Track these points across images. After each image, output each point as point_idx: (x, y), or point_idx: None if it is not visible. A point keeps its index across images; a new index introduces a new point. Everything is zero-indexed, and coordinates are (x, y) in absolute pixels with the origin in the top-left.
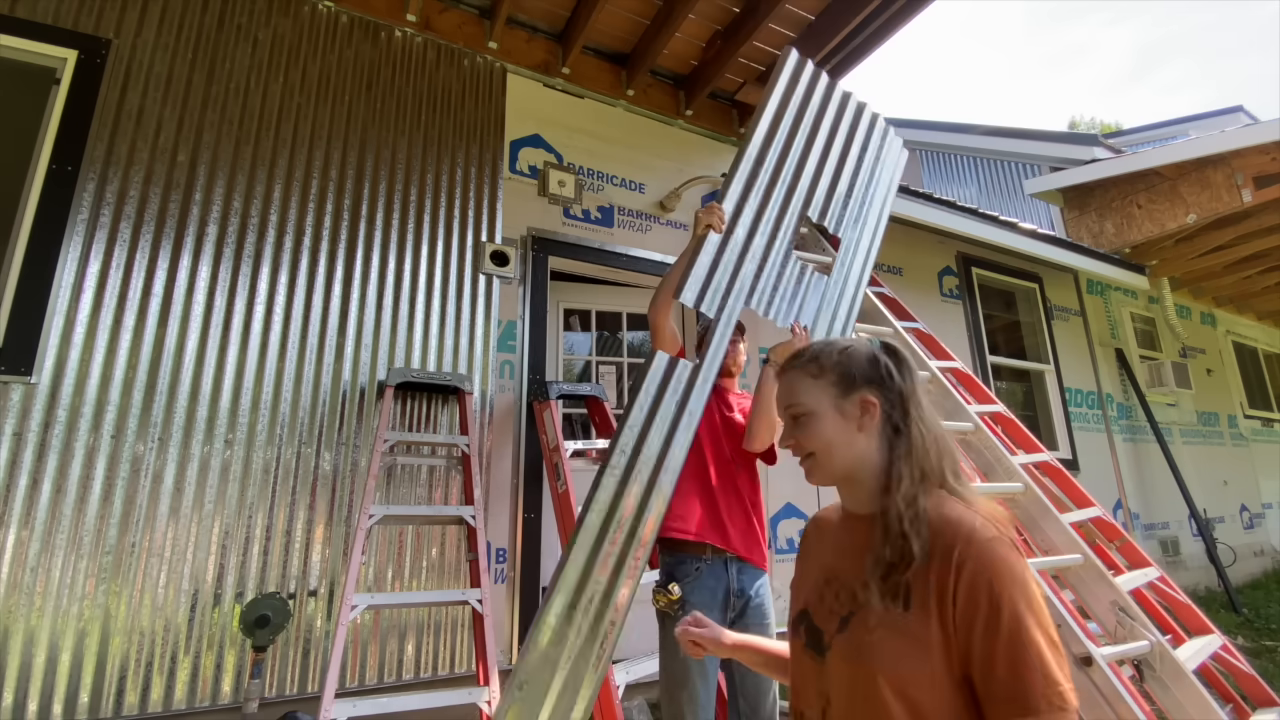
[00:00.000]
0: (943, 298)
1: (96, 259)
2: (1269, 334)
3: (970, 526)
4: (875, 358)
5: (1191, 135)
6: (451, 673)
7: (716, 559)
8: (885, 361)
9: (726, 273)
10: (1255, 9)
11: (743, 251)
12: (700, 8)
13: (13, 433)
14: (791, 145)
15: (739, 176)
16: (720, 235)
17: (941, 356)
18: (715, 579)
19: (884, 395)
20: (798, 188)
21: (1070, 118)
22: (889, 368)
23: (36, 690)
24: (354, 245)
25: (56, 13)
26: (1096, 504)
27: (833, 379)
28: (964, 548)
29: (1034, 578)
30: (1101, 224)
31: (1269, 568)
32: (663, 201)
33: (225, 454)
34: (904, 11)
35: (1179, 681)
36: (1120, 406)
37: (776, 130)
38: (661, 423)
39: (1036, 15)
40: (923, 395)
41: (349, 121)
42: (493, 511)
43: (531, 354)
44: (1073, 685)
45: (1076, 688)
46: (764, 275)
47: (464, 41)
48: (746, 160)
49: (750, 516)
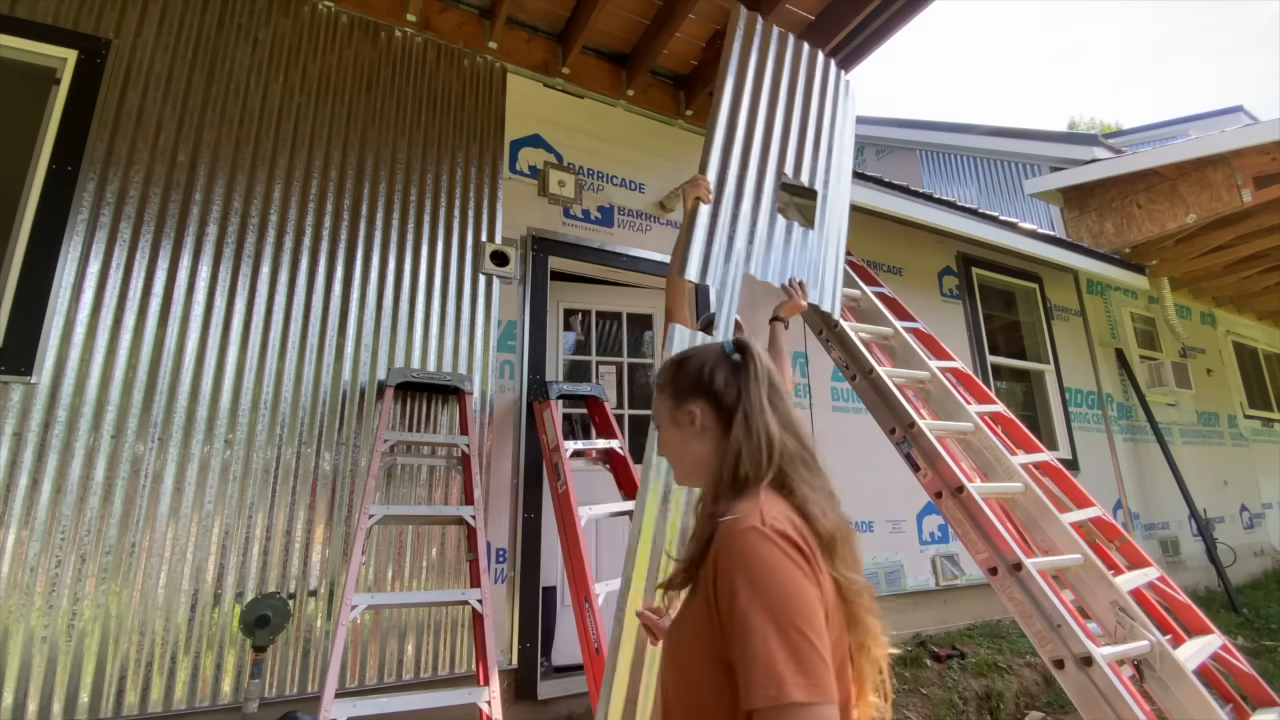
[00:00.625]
0: (943, 298)
1: (96, 259)
2: (1269, 334)
3: (734, 518)
4: (703, 367)
5: (1191, 135)
6: (451, 673)
7: None
8: (710, 369)
9: (722, 242)
10: (1255, 9)
11: (733, 218)
12: (700, 8)
13: (13, 433)
14: (758, 103)
15: (715, 144)
16: (709, 206)
17: (941, 356)
18: None
19: (709, 402)
20: (771, 145)
21: (1070, 118)
22: (713, 374)
23: (36, 690)
24: (354, 245)
25: (56, 13)
26: (1096, 504)
27: (669, 392)
28: (720, 538)
29: (788, 569)
30: (1101, 224)
31: (1269, 568)
32: (663, 201)
33: (225, 454)
34: (904, 11)
35: (1179, 681)
36: (1120, 406)
37: (741, 90)
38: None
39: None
40: (764, 391)
41: (349, 121)
42: (493, 511)
43: (531, 354)
44: (815, 680)
45: (1077, 687)
46: (756, 239)
47: (464, 41)
48: (718, 126)
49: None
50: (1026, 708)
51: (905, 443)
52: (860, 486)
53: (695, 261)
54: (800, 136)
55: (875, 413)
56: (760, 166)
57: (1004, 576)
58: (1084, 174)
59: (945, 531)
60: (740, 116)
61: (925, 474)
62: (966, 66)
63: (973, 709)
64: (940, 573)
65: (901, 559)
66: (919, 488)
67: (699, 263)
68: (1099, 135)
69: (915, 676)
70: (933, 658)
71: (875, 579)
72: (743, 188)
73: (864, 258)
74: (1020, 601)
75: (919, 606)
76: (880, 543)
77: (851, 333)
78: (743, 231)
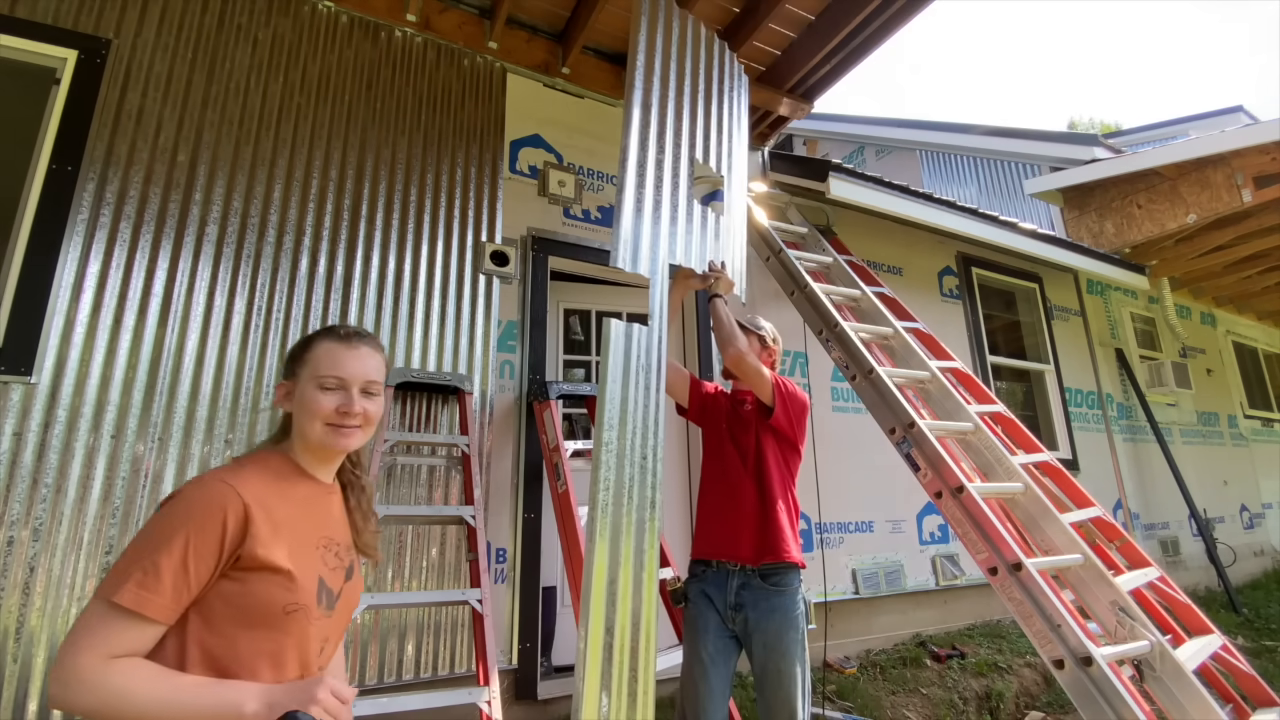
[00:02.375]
0: (943, 298)
1: (96, 259)
2: (1269, 334)
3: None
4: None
5: (1191, 135)
6: (451, 673)
7: (720, 570)
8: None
9: (646, 229)
10: (1255, 9)
11: (655, 205)
12: (700, 8)
13: (13, 433)
14: (668, 86)
15: (632, 130)
16: (632, 193)
17: (941, 356)
18: (716, 588)
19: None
20: (682, 129)
21: (1070, 118)
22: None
23: (36, 690)
24: (354, 245)
25: (56, 13)
26: (1096, 504)
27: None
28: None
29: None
30: (1101, 224)
31: (1269, 568)
32: None
33: (225, 454)
34: (904, 11)
35: (1179, 681)
36: (1120, 406)
37: (652, 72)
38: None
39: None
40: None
41: (349, 121)
42: (493, 511)
43: (531, 354)
44: (143, 593)
45: (1076, 687)
46: (678, 224)
47: (464, 41)
48: (634, 107)
49: (763, 517)
50: (1026, 708)
51: (905, 443)
52: (860, 486)
53: (623, 251)
54: (705, 121)
55: (875, 413)
56: (675, 151)
57: (1004, 576)
58: (1084, 174)
59: (945, 531)
60: (654, 96)
61: (925, 474)
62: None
63: (973, 709)
64: (940, 573)
65: (901, 559)
66: (919, 488)
67: (626, 251)
68: (1099, 135)
69: (915, 676)
70: (933, 658)
71: (875, 579)
72: (661, 172)
73: (864, 258)
74: (1020, 601)
75: (919, 606)
76: (880, 543)
77: (851, 333)
78: (665, 216)
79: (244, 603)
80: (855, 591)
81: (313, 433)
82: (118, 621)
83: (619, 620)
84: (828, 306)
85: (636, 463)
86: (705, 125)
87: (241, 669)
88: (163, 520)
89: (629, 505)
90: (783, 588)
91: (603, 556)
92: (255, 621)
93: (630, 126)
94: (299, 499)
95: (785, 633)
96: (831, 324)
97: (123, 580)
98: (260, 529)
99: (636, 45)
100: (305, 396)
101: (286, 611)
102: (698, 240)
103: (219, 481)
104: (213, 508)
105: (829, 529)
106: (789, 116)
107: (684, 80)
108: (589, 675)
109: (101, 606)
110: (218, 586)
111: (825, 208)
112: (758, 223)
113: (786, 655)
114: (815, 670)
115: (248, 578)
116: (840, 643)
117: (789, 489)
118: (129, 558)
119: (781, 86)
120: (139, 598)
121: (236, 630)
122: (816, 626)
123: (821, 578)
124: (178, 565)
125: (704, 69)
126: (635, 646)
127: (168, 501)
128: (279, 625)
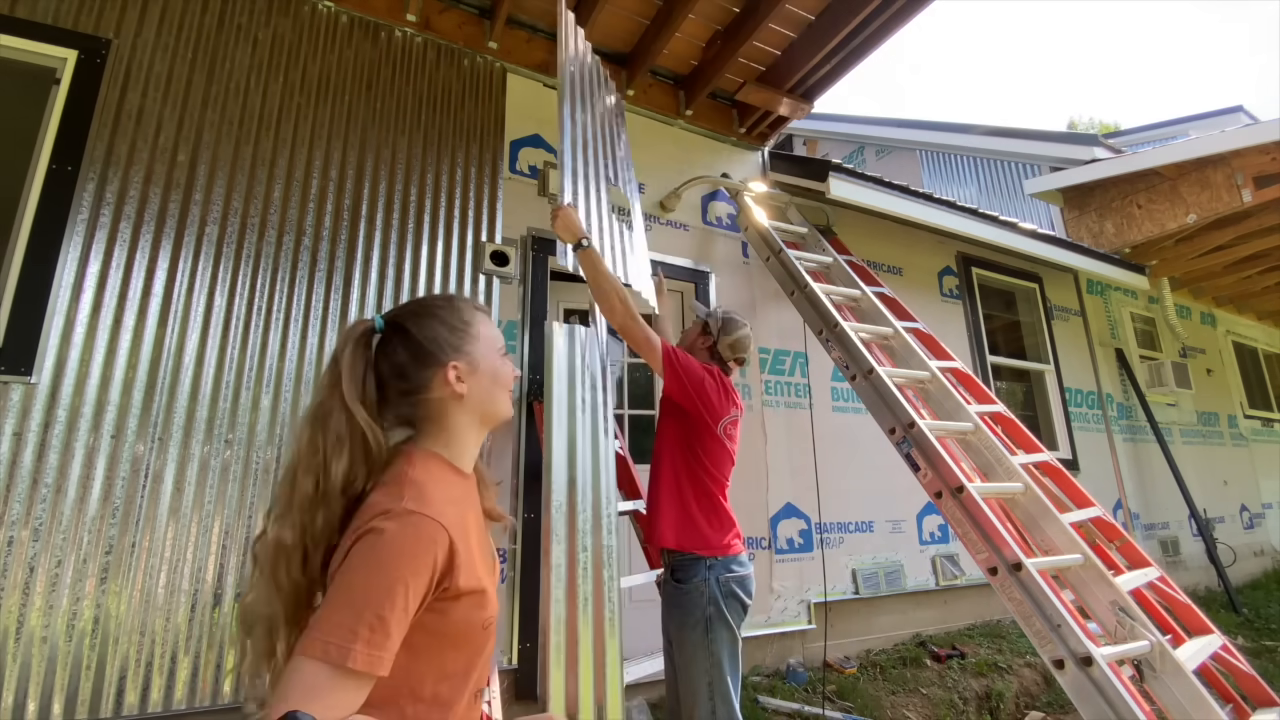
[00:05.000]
0: (943, 298)
1: (96, 259)
2: (1269, 334)
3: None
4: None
5: (1191, 135)
6: None
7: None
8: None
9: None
10: (1255, 9)
11: (599, 220)
12: (700, 8)
13: (13, 433)
14: (589, 103)
15: (566, 148)
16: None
17: (941, 356)
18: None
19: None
20: (599, 148)
21: (1070, 118)
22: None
23: (36, 690)
24: (354, 245)
25: (56, 13)
26: (1096, 504)
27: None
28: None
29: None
30: (1101, 224)
31: (1269, 568)
32: (663, 201)
33: (225, 454)
34: (904, 11)
35: (1179, 681)
36: (1120, 406)
37: (577, 92)
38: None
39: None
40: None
41: (349, 121)
42: None
43: (532, 354)
44: (375, 653)
45: (1076, 687)
46: (606, 241)
47: (464, 41)
48: (565, 123)
49: (652, 499)
50: (1026, 708)
51: (905, 443)
52: (860, 486)
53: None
54: (610, 140)
55: (875, 413)
56: (597, 167)
57: (1004, 577)
58: (1084, 174)
59: (945, 531)
60: (579, 117)
61: (925, 474)
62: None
63: (973, 709)
64: (940, 573)
65: (901, 559)
66: (919, 488)
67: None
68: (1099, 135)
69: (915, 676)
70: (933, 658)
71: (875, 579)
72: (590, 189)
73: (864, 258)
74: (1020, 601)
75: (919, 606)
76: (880, 543)
77: (851, 333)
78: (607, 234)
79: (446, 630)
80: (855, 591)
81: (504, 405)
82: (348, 682)
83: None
84: (828, 306)
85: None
86: (610, 142)
87: (441, 688)
88: (376, 567)
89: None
90: (679, 580)
91: (559, 557)
92: (460, 644)
93: (564, 156)
94: (466, 503)
95: (681, 632)
96: (831, 324)
97: (350, 640)
98: (462, 558)
99: (565, 62)
100: (495, 368)
101: (484, 627)
102: (620, 260)
103: (423, 518)
104: (424, 549)
105: (829, 529)
106: (789, 116)
107: (594, 96)
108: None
109: (325, 670)
110: (419, 619)
111: (825, 208)
112: (758, 223)
113: (683, 658)
114: (815, 670)
115: (450, 607)
116: (840, 643)
117: (695, 467)
118: (345, 611)
119: (781, 86)
120: (371, 659)
121: (443, 655)
122: (816, 626)
123: (821, 578)
124: (400, 617)
125: (600, 85)
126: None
127: (365, 542)
128: (478, 642)
